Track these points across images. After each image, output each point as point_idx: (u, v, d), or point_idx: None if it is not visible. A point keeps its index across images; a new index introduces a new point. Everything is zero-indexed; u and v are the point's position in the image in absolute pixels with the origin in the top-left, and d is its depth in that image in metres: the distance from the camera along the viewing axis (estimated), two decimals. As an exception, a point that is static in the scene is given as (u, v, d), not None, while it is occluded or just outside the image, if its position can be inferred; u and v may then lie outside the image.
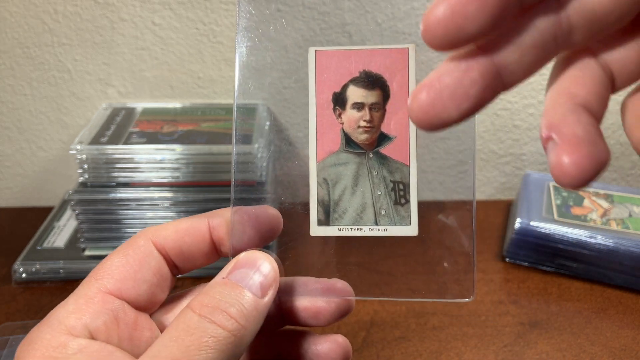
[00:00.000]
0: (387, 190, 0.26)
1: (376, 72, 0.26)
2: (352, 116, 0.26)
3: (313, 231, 0.26)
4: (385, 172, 0.26)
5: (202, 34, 0.58)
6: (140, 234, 0.25)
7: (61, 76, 0.60)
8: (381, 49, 0.26)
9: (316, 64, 0.26)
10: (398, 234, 0.26)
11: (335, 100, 0.26)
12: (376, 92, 0.26)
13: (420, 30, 0.16)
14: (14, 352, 0.40)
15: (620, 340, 0.45)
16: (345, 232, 0.26)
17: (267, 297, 0.23)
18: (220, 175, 0.51)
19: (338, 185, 0.26)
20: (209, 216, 0.26)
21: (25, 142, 0.63)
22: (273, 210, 0.26)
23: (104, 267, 0.24)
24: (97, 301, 0.22)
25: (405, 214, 0.26)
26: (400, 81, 0.26)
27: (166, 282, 0.25)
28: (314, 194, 0.26)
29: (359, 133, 0.26)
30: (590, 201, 0.56)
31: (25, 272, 0.51)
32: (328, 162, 0.26)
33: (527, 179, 0.59)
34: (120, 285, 0.23)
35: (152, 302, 0.25)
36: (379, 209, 0.26)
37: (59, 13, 0.57)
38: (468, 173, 0.26)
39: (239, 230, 0.25)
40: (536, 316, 0.48)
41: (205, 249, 0.26)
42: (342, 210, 0.26)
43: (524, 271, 0.53)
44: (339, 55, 0.26)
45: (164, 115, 0.58)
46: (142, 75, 0.60)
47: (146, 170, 0.51)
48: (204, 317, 0.21)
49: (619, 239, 0.50)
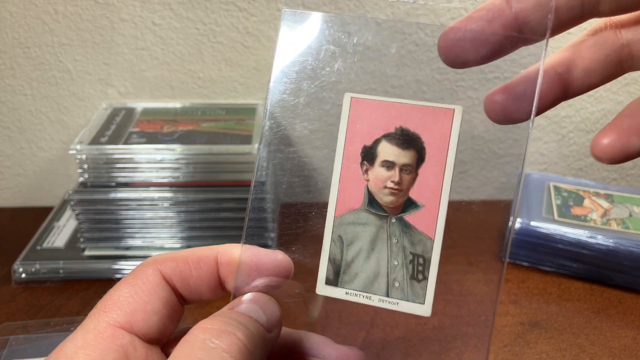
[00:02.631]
0: (405, 262, 0.24)
1: (414, 130, 0.24)
2: (379, 175, 0.24)
3: (319, 290, 0.24)
4: (406, 242, 0.24)
5: (202, 34, 0.58)
6: (147, 263, 0.24)
7: (61, 76, 0.60)
8: (423, 106, 0.24)
9: (350, 112, 0.24)
10: (409, 311, 0.24)
11: (364, 154, 0.24)
12: (410, 153, 0.24)
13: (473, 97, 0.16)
14: (13, 352, 0.40)
15: (620, 340, 0.45)
16: (353, 298, 0.24)
17: (272, 333, 0.22)
18: (220, 175, 0.51)
19: (353, 246, 0.24)
20: (218, 250, 0.25)
21: (25, 142, 0.63)
22: (284, 257, 0.24)
23: (111, 298, 0.23)
24: (106, 336, 0.21)
25: (421, 291, 0.24)
26: (439, 145, 0.23)
27: (176, 312, 0.24)
28: (327, 249, 0.24)
29: (384, 194, 0.24)
30: (590, 201, 0.56)
31: (25, 272, 0.51)
32: (346, 219, 0.24)
33: (527, 179, 0.59)
34: (129, 318, 0.22)
35: (163, 334, 0.24)
36: (393, 280, 0.24)
37: (59, 13, 0.57)
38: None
39: (246, 271, 0.24)
40: (536, 316, 0.47)
41: (212, 284, 0.25)
42: (353, 274, 0.24)
43: (524, 271, 0.53)
44: (376, 106, 0.24)
45: (164, 115, 0.58)
46: (142, 75, 0.60)
47: (146, 170, 0.51)
48: (207, 341, 0.20)
49: (619, 239, 0.50)
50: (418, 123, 0.24)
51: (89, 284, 0.50)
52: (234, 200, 0.51)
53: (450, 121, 0.23)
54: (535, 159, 0.65)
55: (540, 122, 0.62)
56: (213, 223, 0.52)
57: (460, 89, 0.25)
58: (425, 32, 0.27)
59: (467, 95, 0.24)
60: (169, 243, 0.53)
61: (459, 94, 0.24)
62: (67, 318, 0.45)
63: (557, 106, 0.68)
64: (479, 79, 0.34)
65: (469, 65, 0.23)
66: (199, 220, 0.52)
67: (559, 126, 0.63)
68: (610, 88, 0.60)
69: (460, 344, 0.27)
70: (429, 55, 0.25)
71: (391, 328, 0.46)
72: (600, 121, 0.62)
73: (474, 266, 0.48)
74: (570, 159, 0.65)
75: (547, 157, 0.65)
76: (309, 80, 0.25)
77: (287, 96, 0.25)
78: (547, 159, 0.65)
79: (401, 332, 0.27)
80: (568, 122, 0.62)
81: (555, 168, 0.66)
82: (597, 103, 0.61)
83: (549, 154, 0.65)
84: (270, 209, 0.49)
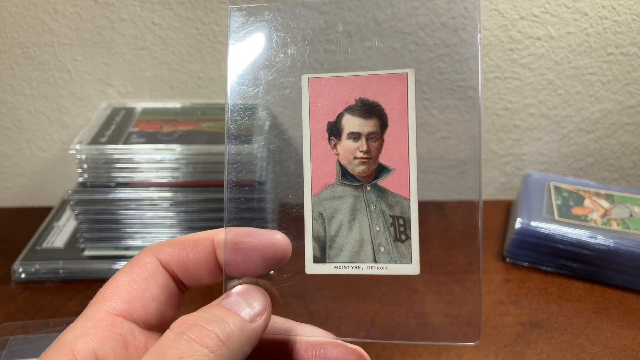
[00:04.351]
0: (386, 226, 0.24)
1: (373, 99, 0.24)
2: (348, 147, 0.25)
3: (309, 269, 0.25)
4: (384, 206, 0.24)
5: (202, 34, 0.58)
6: (145, 251, 0.24)
7: (61, 76, 0.60)
8: (378, 75, 0.24)
9: (310, 92, 0.25)
10: (398, 272, 0.24)
11: (330, 130, 0.25)
12: (373, 121, 0.24)
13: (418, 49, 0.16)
14: (13, 352, 0.40)
15: (621, 341, 0.45)
16: (343, 271, 0.25)
17: (256, 323, 0.22)
18: (220, 175, 0.51)
19: (334, 220, 0.25)
20: (214, 233, 0.25)
21: (25, 142, 0.63)
22: (281, 236, 0.24)
23: (110, 287, 0.23)
24: (105, 325, 0.22)
25: (406, 251, 0.24)
26: (399, 109, 0.24)
27: (174, 299, 0.25)
28: (309, 229, 0.25)
29: (355, 165, 0.25)
30: (590, 201, 0.55)
31: (25, 272, 0.51)
32: (323, 195, 0.25)
33: (527, 179, 0.59)
34: (128, 306, 0.23)
35: (162, 321, 0.24)
36: (378, 245, 0.24)
37: (59, 13, 0.57)
38: (472, 188, 0.25)
39: (232, 250, 0.24)
40: (536, 316, 0.47)
41: (210, 266, 0.25)
42: (338, 247, 0.25)
43: (525, 271, 0.53)
44: (333, 83, 0.25)
45: (164, 115, 0.58)
46: (142, 75, 0.60)
47: (146, 170, 0.51)
48: (180, 334, 0.20)
49: (620, 239, 0.50)
50: (376, 91, 0.24)
51: (89, 284, 0.50)
52: (234, 200, 0.51)
53: (405, 84, 0.24)
54: (535, 159, 0.65)
55: (541, 122, 0.62)
56: (213, 223, 0.52)
57: (408, 54, 0.26)
58: (366, 8, 0.28)
59: (416, 59, 0.25)
60: (169, 243, 0.52)
61: (407, 60, 0.25)
62: (67, 318, 0.45)
63: (558, 106, 0.68)
64: (426, 45, 0.35)
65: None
66: (199, 220, 0.52)
67: (560, 126, 0.63)
68: (611, 88, 0.60)
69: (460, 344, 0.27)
70: (375, 29, 0.27)
71: (391, 328, 0.46)
72: (600, 121, 0.62)
73: (474, 266, 0.48)
74: (570, 159, 0.65)
75: (548, 157, 0.65)
76: (265, 69, 0.25)
77: (245, 87, 0.25)
78: (548, 159, 0.65)
79: (401, 332, 0.27)
80: (568, 122, 0.62)
81: (556, 168, 0.65)
82: (597, 103, 0.61)
83: (550, 154, 0.65)
84: (271, 208, 0.49)
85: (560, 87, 0.61)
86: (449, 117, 0.26)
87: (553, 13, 0.57)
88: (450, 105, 0.26)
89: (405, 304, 0.27)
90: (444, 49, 0.28)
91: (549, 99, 0.61)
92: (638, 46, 0.58)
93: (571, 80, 0.60)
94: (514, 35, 0.58)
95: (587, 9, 0.57)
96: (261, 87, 0.25)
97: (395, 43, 0.25)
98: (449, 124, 0.25)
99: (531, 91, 0.61)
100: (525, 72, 0.60)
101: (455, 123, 0.25)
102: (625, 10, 0.57)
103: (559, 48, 0.58)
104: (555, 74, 0.60)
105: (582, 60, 0.59)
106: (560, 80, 0.60)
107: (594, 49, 0.58)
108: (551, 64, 0.59)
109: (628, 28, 0.57)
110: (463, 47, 0.25)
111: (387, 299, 0.27)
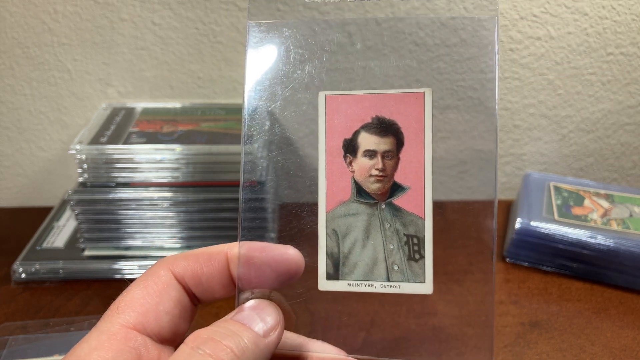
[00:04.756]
0: (400, 244, 0.24)
1: (389, 118, 0.24)
2: (363, 164, 0.25)
3: (321, 285, 0.25)
4: (399, 225, 0.25)
5: (202, 34, 0.58)
6: (159, 264, 0.24)
7: (61, 76, 0.60)
8: (395, 94, 0.24)
9: (326, 109, 0.25)
10: (411, 291, 0.25)
11: (346, 147, 0.25)
12: (389, 139, 0.25)
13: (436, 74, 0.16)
14: (13, 352, 0.40)
15: (621, 341, 0.45)
16: (355, 288, 0.25)
17: (269, 338, 0.22)
18: (220, 175, 0.51)
19: (348, 237, 0.25)
20: (228, 246, 0.25)
21: (25, 142, 0.63)
22: (294, 252, 0.24)
23: (124, 299, 0.23)
24: (119, 338, 0.22)
25: (420, 271, 0.24)
26: (416, 128, 0.24)
27: (187, 312, 0.25)
28: (323, 245, 0.25)
29: (370, 182, 0.25)
30: (590, 201, 0.55)
31: (25, 272, 0.51)
32: (338, 212, 0.25)
33: (527, 179, 0.59)
34: (142, 319, 0.23)
35: (176, 334, 0.24)
36: (392, 264, 0.24)
37: (59, 13, 0.57)
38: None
39: (246, 264, 0.24)
40: (536, 316, 0.47)
41: (223, 280, 0.25)
42: (352, 264, 0.25)
43: (525, 271, 0.53)
44: (350, 100, 0.25)
45: (164, 115, 0.58)
46: (142, 75, 0.60)
47: (146, 170, 0.51)
48: (196, 349, 0.20)
49: (620, 239, 0.50)
50: (392, 110, 0.24)
51: (89, 284, 0.50)
52: (234, 200, 0.51)
53: (422, 104, 0.24)
54: (535, 159, 0.65)
55: (541, 122, 0.62)
56: (213, 223, 0.52)
57: (426, 73, 0.26)
58: (383, 26, 0.28)
59: (434, 79, 0.25)
60: (169, 243, 0.52)
61: (425, 78, 0.25)
62: (67, 318, 0.45)
63: (557, 106, 0.68)
64: (444, 62, 0.36)
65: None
66: (199, 220, 0.52)
67: (559, 126, 0.63)
68: (611, 88, 0.60)
69: (460, 344, 0.27)
70: (392, 46, 0.27)
71: (391, 328, 0.46)
72: (600, 121, 0.62)
73: (473, 266, 0.48)
74: (570, 159, 0.65)
75: (548, 157, 0.65)
76: (282, 85, 0.25)
77: (262, 103, 0.25)
78: (548, 159, 0.65)
79: (401, 332, 0.27)
80: (568, 122, 0.62)
81: (556, 168, 0.65)
82: (597, 103, 0.61)
83: (549, 154, 0.65)
84: (271, 209, 0.49)
85: (560, 87, 0.61)
86: (464, 127, 0.26)
87: (553, 13, 0.57)
88: (465, 118, 0.26)
89: (418, 322, 0.27)
90: (460, 64, 0.28)
91: (549, 99, 0.61)
92: (638, 46, 0.58)
93: (571, 80, 0.60)
94: (514, 35, 0.58)
95: (587, 9, 0.57)
96: (278, 102, 0.25)
97: (412, 62, 0.25)
98: (463, 132, 0.26)
99: (531, 91, 0.61)
100: (525, 72, 0.60)
101: (470, 138, 0.26)
102: (625, 10, 0.57)
103: (559, 48, 0.58)
104: (555, 74, 0.60)
105: (582, 60, 0.59)
106: (560, 80, 0.60)
107: (594, 49, 0.58)
108: (551, 64, 0.59)
109: (628, 28, 0.57)
110: (481, 62, 0.25)
111: (399, 318, 0.27)
